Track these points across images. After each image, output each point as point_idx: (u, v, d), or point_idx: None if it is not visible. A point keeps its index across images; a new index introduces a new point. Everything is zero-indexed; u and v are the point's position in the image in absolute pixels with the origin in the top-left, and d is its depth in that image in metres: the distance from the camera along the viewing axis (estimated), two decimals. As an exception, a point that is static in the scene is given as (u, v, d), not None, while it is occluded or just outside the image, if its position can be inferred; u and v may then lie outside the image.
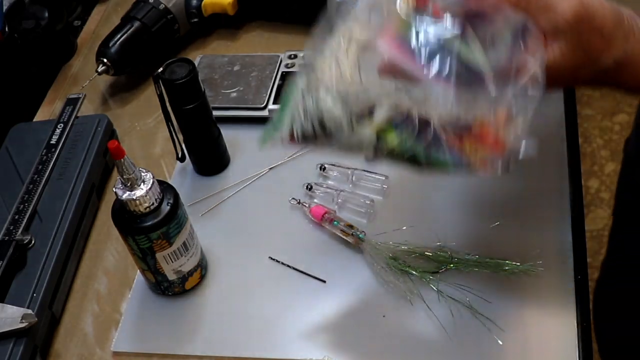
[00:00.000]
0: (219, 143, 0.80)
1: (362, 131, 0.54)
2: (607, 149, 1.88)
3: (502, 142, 0.52)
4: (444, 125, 0.51)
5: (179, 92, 0.73)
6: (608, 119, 1.93)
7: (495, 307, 0.65)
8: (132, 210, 0.63)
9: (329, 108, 0.54)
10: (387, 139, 0.54)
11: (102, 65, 0.89)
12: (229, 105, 0.85)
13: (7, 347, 0.64)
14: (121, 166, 0.61)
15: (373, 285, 0.68)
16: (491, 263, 0.67)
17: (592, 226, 1.77)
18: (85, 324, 0.71)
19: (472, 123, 0.51)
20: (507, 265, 0.67)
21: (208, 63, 0.90)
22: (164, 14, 0.92)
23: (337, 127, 0.54)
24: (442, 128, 0.51)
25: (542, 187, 0.73)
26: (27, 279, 0.69)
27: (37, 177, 0.78)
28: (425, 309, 0.66)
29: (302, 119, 0.55)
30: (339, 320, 0.67)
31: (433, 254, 0.69)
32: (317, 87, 0.55)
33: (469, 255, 0.68)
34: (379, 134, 0.53)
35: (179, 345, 0.68)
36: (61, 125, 0.83)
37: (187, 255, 0.68)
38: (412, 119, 0.52)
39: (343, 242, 0.72)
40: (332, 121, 0.54)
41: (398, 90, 0.52)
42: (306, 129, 0.55)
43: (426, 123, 0.52)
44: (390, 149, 0.54)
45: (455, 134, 0.52)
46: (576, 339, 0.62)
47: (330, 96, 0.54)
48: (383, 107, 0.53)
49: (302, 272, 0.70)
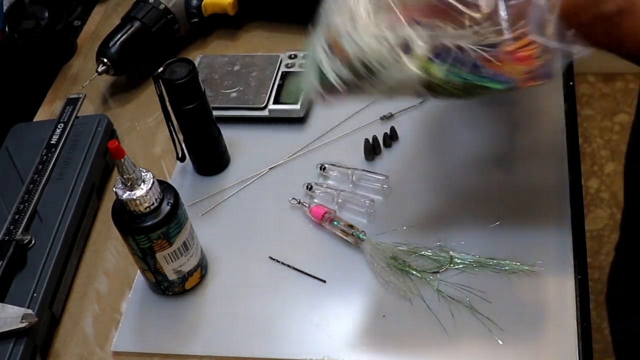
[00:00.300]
0: (219, 143, 0.80)
1: (407, 67, 0.53)
2: (607, 149, 1.88)
3: (533, 55, 0.53)
4: (481, 49, 0.52)
5: (179, 92, 0.73)
6: (608, 119, 1.93)
7: (495, 307, 0.65)
8: (132, 210, 0.63)
9: (372, 45, 0.53)
10: (432, 72, 0.53)
11: (102, 65, 0.89)
12: (229, 105, 0.85)
13: (7, 347, 0.64)
14: (121, 166, 0.61)
15: (373, 285, 0.68)
16: (491, 263, 0.67)
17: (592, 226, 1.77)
18: (85, 324, 0.71)
19: (502, 44, 0.52)
20: (507, 265, 0.67)
21: (208, 63, 0.90)
22: (164, 14, 0.92)
23: (383, 63, 0.53)
24: (479, 53, 0.52)
25: (542, 187, 0.73)
26: (27, 279, 0.70)
27: (37, 177, 0.78)
28: (425, 309, 0.66)
29: (338, 68, 0.54)
30: (339, 320, 0.67)
31: (433, 254, 0.69)
32: (350, 30, 0.54)
33: (469, 255, 0.68)
34: (422, 68, 0.53)
35: (179, 345, 0.68)
36: (61, 125, 0.83)
37: (187, 255, 0.68)
38: (449, 49, 0.52)
39: (343, 242, 0.72)
40: (377, 58, 0.53)
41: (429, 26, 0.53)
42: (345, 76, 0.54)
43: (462, 50, 0.52)
44: (438, 81, 0.53)
45: (492, 56, 0.52)
46: (576, 339, 0.62)
47: (368, 35, 0.53)
48: (417, 43, 0.52)
49: (302, 272, 0.70)
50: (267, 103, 0.84)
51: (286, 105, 0.84)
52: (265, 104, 0.84)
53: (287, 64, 0.88)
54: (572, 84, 0.82)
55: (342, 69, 0.54)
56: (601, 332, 1.58)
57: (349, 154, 0.79)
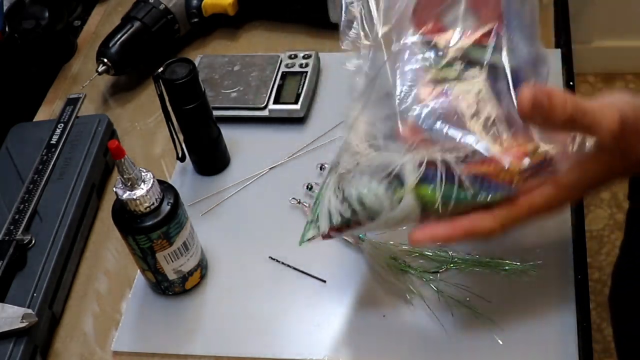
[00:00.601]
0: (219, 143, 0.80)
1: (402, 201, 0.54)
2: (607, 149, 1.88)
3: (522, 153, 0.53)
4: (467, 161, 0.53)
5: (179, 92, 0.73)
6: (608, 119, 1.93)
7: (495, 307, 0.65)
8: (133, 210, 0.63)
9: (369, 187, 0.55)
10: (427, 197, 0.53)
11: (103, 65, 0.89)
12: (229, 105, 0.85)
13: (7, 347, 0.64)
14: (121, 166, 0.61)
15: (373, 285, 0.68)
16: (491, 263, 0.67)
17: (592, 226, 1.77)
18: (85, 324, 0.71)
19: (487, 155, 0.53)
20: (507, 265, 0.67)
21: (208, 63, 0.90)
22: (164, 14, 0.92)
23: (379, 203, 0.54)
24: (465, 165, 0.52)
25: (542, 187, 0.73)
26: (27, 279, 0.70)
27: (37, 177, 0.78)
28: (425, 309, 0.66)
29: (340, 209, 0.56)
30: (339, 320, 0.67)
31: (433, 254, 0.69)
32: (354, 176, 0.56)
33: (469, 255, 0.68)
34: (416, 197, 0.53)
35: (179, 345, 0.68)
36: (61, 125, 0.83)
37: (187, 255, 0.68)
38: (437, 168, 0.53)
39: (343, 242, 0.72)
40: (373, 199, 0.54)
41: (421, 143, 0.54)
42: (346, 217, 0.56)
43: (448, 167, 0.52)
44: (433, 205, 0.53)
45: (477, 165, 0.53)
46: (576, 339, 0.62)
47: (366, 177, 0.55)
48: (407, 168, 0.53)
49: (302, 272, 0.70)
50: (267, 103, 0.84)
51: (286, 105, 0.84)
52: (266, 104, 0.84)
53: (287, 64, 0.88)
54: (572, 84, 0.82)
55: (347, 211, 0.56)
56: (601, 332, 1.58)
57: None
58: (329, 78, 0.89)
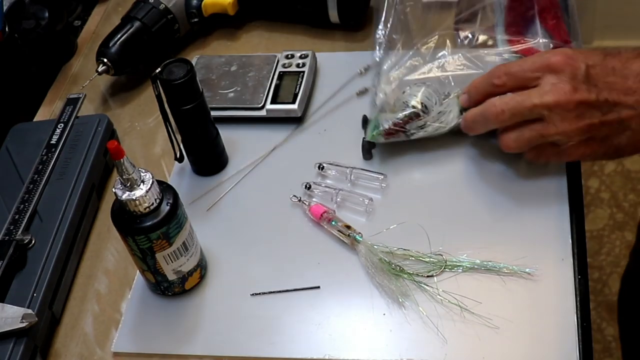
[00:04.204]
0: (217, 143, 0.80)
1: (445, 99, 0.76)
2: (607, 148, 1.88)
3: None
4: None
5: (177, 92, 0.73)
6: (608, 118, 1.93)
7: (493, 307, 0.64)
8: (132, 210, 0.63)
9: (424, 92, 0.76)
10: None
11: (102, 65, 0.89)
12: (227, 105, 0.85)
13: (7, 347, 0.64)
14: (121, 166, 0.61)
15: (370, 286, 0.68)
16: (489, 264, 0.67)
17: (592, 226, 1.77)
18: (85, 324, 0.71)
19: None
20: (505, 268, 0.67)
21: (205, 63, 0.90)
22: (164, 14, 0.92)
23: (433, 102, 0.75)
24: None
25: (542, 187, 0.73)
26: (27, 279, 0.70)
27: (37, 177, 0.78)
28: (422, 311, 0.66)
29: (402, 106, 0.76)
30: (339, 320, 0.67)
31: (429, 255, 0.68)
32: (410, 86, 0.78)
33: (467, 256, 0.68)
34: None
35: (179, 345, 0.68)
36: (61, 125, 0.83)
37: (187, 255, 0.68)
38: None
39: (342, 242, 0.72)
40: (429, 99, 0.75)
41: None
42: (407, 113, 0.75)
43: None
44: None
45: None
46: (576, 339, 0.62)
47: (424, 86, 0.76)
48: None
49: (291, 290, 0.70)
50: (264, 103, 0.84)
51: (283, 105, 0.84)
52: (263, 104, 0.84)
53: (284, 63, 0.88)
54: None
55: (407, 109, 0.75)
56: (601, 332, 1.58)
57: (347, 153, 0.79)
58: (326, 78, 0.89)
